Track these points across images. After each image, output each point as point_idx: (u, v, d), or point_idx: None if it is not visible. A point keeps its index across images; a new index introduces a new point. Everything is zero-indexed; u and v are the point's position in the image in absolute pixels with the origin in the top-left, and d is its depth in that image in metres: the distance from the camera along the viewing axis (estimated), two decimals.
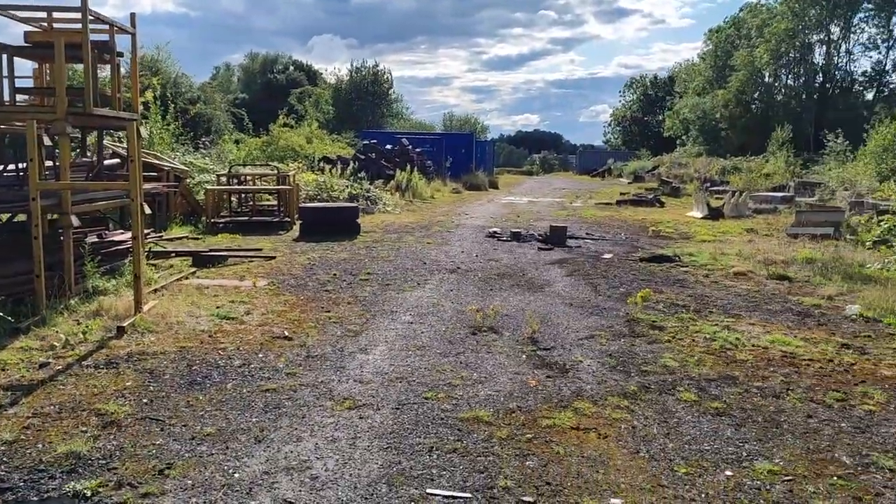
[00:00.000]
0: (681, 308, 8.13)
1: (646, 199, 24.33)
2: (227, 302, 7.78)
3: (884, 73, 48.94)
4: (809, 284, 9.79)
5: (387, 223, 16.49)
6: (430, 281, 9.43)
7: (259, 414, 4.70)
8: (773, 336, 6.96)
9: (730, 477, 3.99)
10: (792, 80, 51.44)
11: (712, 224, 17.96)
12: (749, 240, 14.57)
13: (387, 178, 24.96)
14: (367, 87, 50.16)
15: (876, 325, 7.64)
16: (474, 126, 63.01)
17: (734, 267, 10.85)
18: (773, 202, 22.24)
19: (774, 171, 34.02)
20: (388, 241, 13.30)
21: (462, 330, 6.94)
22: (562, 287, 9.24)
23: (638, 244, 13.70)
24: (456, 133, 50.66)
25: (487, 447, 4.28)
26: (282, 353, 6.06)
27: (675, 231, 16.26)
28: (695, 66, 67.18)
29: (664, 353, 6.30)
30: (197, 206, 15.63)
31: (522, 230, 14.85)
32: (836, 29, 48.71)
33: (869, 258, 11.35)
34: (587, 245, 13.39)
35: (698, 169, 41.99)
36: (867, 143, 29.40)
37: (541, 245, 13.02)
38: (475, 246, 12.88)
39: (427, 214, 19.26)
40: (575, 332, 6.99)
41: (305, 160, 24.27)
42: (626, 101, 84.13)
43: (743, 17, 57.87)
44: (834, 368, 6.05)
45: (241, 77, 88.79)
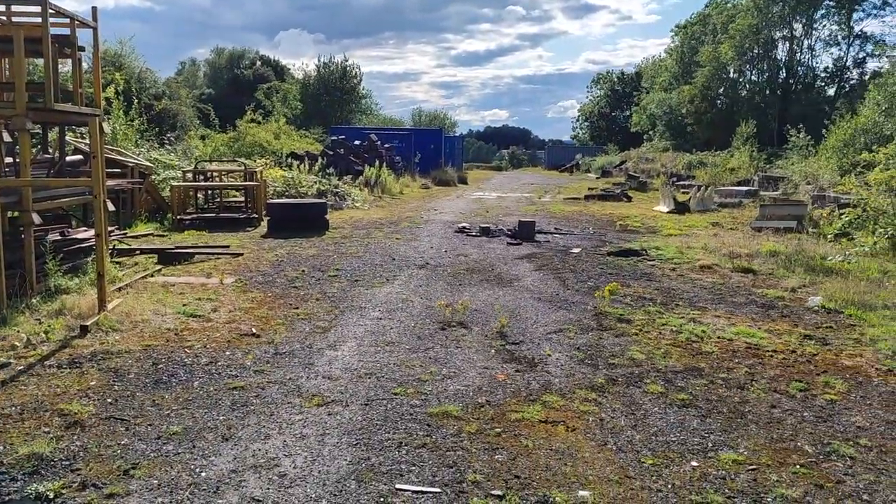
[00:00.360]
0: (648, 301, 8.22)
1: (613, 194, 24.54)
2: (194, 299, 7.68)
3: (844, 69, 49.91)
4: (773, 277, 9.95)
5: (356, 219, 16.42)
6: (399, 277, 9.41)
7: (226, 412, 4.66)
8: (738, 328, 7.07)
9: (696, 467, 4.04)
10: (756, 75, 52.21)
11: (678, 218, 18.17)
12: (714, 233, 14.77)
13: (355, 173, 24.83)
14: (335, 83, 49.79)
15: (837, 316, 7.80)
16: (443, 122, 62.98)
17: (700, 260, 11.00)
18: (738, 196, 22.58)
19: (739, 165, 34.52)
20: (357, 237, 13.24)
21: (431, 325, 6.94)
22: (531, 281, 9.29)
23: (606, 238, 13.81)
24: (425, 129, 50.63)
25: (456, 442, 4.28)
26: (249, 350, 6.00)
27: (642, 225, 16.42)
28: (661, 61, 67.92)
29: (631, 346, 6.37)
30: (163, 203, 15.41)
31: (491, 225, 14.88)
32: (799, 25, 49.57)
33: (830, 251, 11.58)
34: (556, 240, 13.47)
35: (665, 164, 42.47)
36: (828, 138, 29.97)
37: (510, 240, 13.07)
38: (444, 241, 12.89)
39: (396, 210, 19.22)
40: (543, 326, 7.03)
41: (273, 156, 24.06)
42: (594, 97, 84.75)
43: (709, 14, 58.61)
44: (797, 359, 6.16)
45: (208, 72, 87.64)
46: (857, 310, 7.93)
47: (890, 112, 24.46)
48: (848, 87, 49.24)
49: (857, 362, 6.12)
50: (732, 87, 52.96)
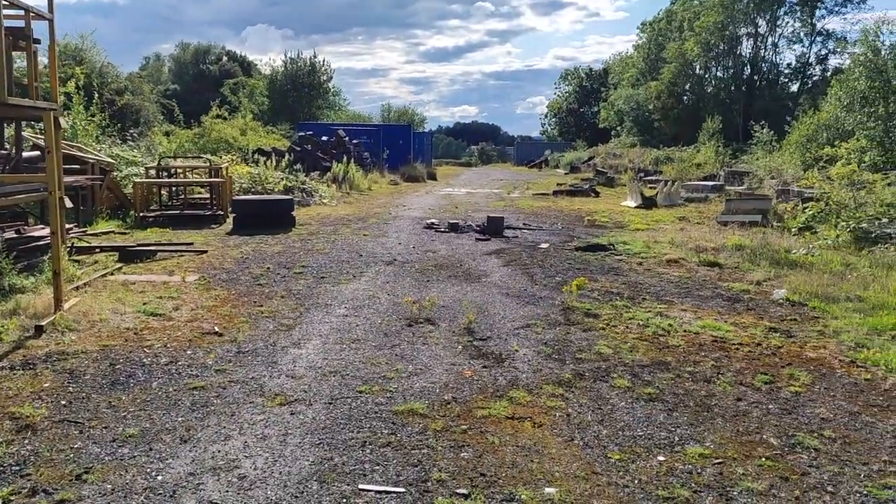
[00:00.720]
0: (615, 296, 8.22)
1: (582, 190, 24.64)
2: (155, 298, 7.51)
3: (807, 66, 50.77)
4: (739, 270, 10.03)
5: (323, 215, 16.26)
6: (366, 273, 9.31)
7: (186, 413, 4.53)
8: (705, 321, 7.10)
9: (662, 462, 4.02)
10: (721, 72, 52.86)
11: (646, 213, 18.29)
12: (681, 228, 14.88)
13: (323, 169, 24.62)
14: (303, 79, 49.34)
15: (801, 308, 7.87)
16: (412, 117, 62.68)
17: (667, 254, 11.05)
18: (704, 191, 22.80)
19: (705, 160, 34.91)
20: (324, 233, 13.10)
21: (398, 322, 6.86)
22: (499, 277, 9.24)
23: (574, 233, 13.83)
24: (394, 124, 50.36)
25: (422, 440, 4.21)
26: (211, 349, 5.87)
27: (609, 220, 16.48)
28: (629, 58, 68.50)
29: (598, 341, 6.35)
30: (125, 200, 15.11)
31: (460, 221, 14.82)
32: (763, 22, 50.29)
33: (794, 244, 11.72)
34: (524, 235, 13.46)
35: (632, 159, 42.83)
36: (791, 133, 30.43)
37: (478, 236, 13.02)
38: (412, 237, 12.80)
39: (364, 206, 19.08)
40: (511, 321, 6.98)
41: (239, 152, 23.76)
42: (562, 93, 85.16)
43: (675, 10, 59.19)
44: (762, 352, 6.19)
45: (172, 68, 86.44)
46: (821, 302, 8.01)
47: (851, 108, 24.87)
48: (811, 83, 50.13)
49: (821, 354, 6.16)
50: (698, 83, 53.57)
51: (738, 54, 51.71)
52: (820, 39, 50.08)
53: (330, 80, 50.72)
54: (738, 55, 51.93)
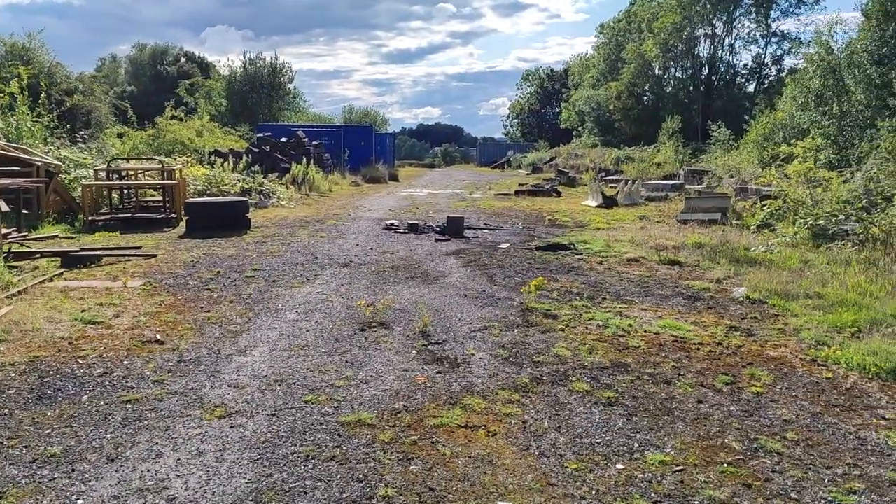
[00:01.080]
0: (575, 296, 8.06)
1: (543, 189, 24.59)
2: (95, 305, 7.14)
3: (763, 66, 51.59)
4: (699, 269, 9.96)
5: (280, 217, 15.89)
6: (320, 276, 9.02)
7: (116, 429, 4.22)
8: (665, 321, 6.96)
9: (621, 471, 3.83)
10: (680, 72, 53.47)
11: (607, 212, 18.25)
12: (641, 227, 14.84)
13: (282, 171, 24.20)
14: (263, 80, 48.60)
15: (761, 306, 7.79)
16: (374, 119, 62.32)
17: (627, 253, 10.95)
18: (664, 190, 22.90)
19: (665, 160, 35.21)
20: (280, 235, 12.75)
21: (350, 326, 6.59)
22: (457, 278, 9.03)
23: (535, 233, 13.69)
24: (355, 125, 49.95)
25: (369, 453, 3.97)
26: (151, 358, 5.55)
27: (570, 220, 16.39)
28: (589, 59, 68.97)
29: (557, 343, 6.16)
30: (73, 204, 14.58)
31: (420, 222, 14.59)
32: (720, 24, 50.96)
33: (754, 242, 11.71)
34: (485, 235, 13.27)
35: (594, 159, 43.06)
36: (749, 132, 30.80)
37: (438, 236, 12.80)
38: (370, 239, 12.53)
39: (323, 208, 18.73)
40: (468, 323, 6.76)
41: (196, 154, 23.22)
42: (524, 94, 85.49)
43: (634, 11, 59.73)
44: (723, 351, 6.07)
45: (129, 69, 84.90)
46: (781, 299, 7.95)
47: (806, 106, 25.22)
48: (767, 83, 50.94)
49: (782, 353, 6.06)
50: (657, 83, 54.12)
51: (696, 55, 52.36)
52: (775, 40, 50.95)
53: (291, 82, 50.07)
54: (696, 56, 52.58)
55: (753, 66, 51.78)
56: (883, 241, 10.70)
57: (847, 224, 12.11)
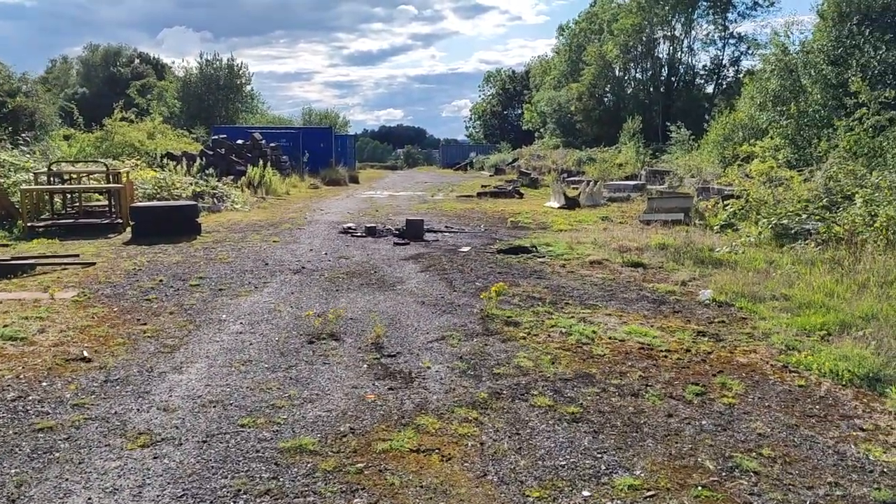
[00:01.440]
0: (537, 301, 7.72)
1: (505, 191, 24.32)
2: (19, 319, 6.59)
3: (721, 68, 52.14)
4: (663, 270, 9.72)
5: (233, 222, 15.33)
6: (270, 283, 8.55)
7: (23, 462, 3.75)
8: (630, 326, 6.66)
9: (587, 498, 3.48)
10: (640, 73, 53.82)
11: (569, 213, 18.02)
12: (604, 228, 14.61)
13: (237, 174, 23.55)
14: (220, 82, 47.62)
15: (728, 309, 7.55)
16: (335, 120, 61.57)
17: (590, 255, 10.67)
18: (626, 190, 22.80)
19: (627, 160, 35.25)
20: (231, 240, 12.22)
21: (298, 339, 6.16)
22: (415, 284, 8.63)
23: (496, 236, 13.36)
24: (314, 127, 49.21)
25: (308, 484, 3.56)
26: (73, 378, 5.05)
27: (533, 221, 16.11)
28: (549, 60, 69.15)
29: (518, 353, 5.81)
30: (12, 209, 13.84)
31: (379, 225, 14.17)
32: (679, 25, 51.39)
33: (717, 242, 11.52)
34: (445, 238, 12.90)
35: (556, 160, 43.03)
36: (708, 132, 30.96)
37: (397, 240, 12.39)
38: (326, 243, 12.07)
39: (279, 211, 18.18)
40: (425, 333, 6.38)
41: (147, 157, 22.49)
42: (486, 96, 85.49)
43: (594, 12, 60.01)
44: (691, 359, 5.77)
45: (81, 71, 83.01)
46: (748, 302, 7.72)
47: (764, 106, 25.38)
48: (725, 84, 51.49)
49: (752, 359, 5.79)
50: (618, 84, 54.39)
51: (655, 56, 52.77)
52: (732, 42, 51.52)
53: (248, 83, 49.15)
54: (656, 57, 52.98)
55: (712, 67, 52.33)
56: (846, 241, 10.59)
57: (809, 223, 12.01)
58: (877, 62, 22.33)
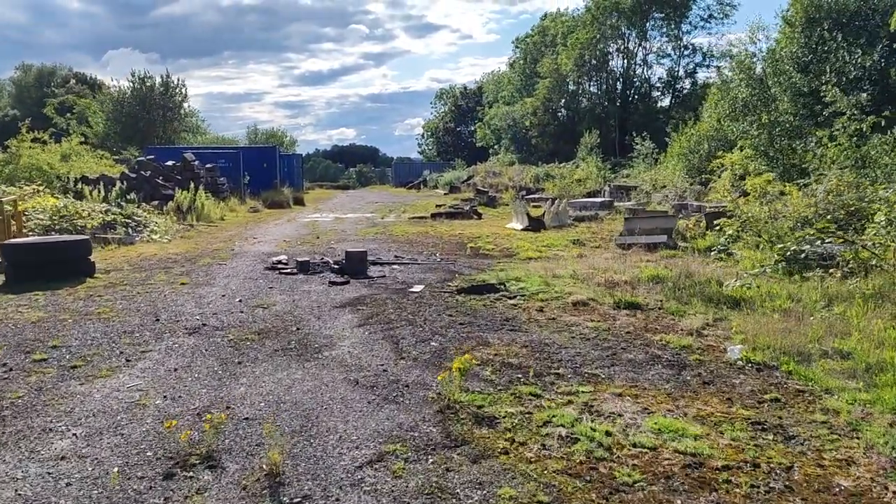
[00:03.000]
0: (516, 372, 5.60)
1: (462, 212, 22.25)
2: None
3: (677, 80, 51.17)
4: (666, 313, 7.72)
5: (144, 256, 12.93)
6: (149, 353, 6.26)
7: None
8: (656, 418, 4.58)
9: None
10: (595, 87, 52.62)
11: (534, 236, 16.03)
12: (579, 254, 12.63)
13: (164, 198, 21.07)
14: (155, 100, 44.67)
15: (773, 374, 5.56)
16: (281, 139, 58.94)
17: (572, 294, 8.62)
18: (593, 208, 20.95)
19: (587, 176, 33.54)
20: (128, 283, 9.87)
21: (152, 467, 3.92)
22: (349, 347, 6.44)
23: (455, 268, 11.25)
24: (256, 146, 46.57)
25: None
26: None
27: (495, 247, 14.05)
28: (503, 75, 67.75)
29: (500, 484, 3.67)
30: None
31: (316, 256, 11.96)
32: (632, 38, 50.36)
33: (720, 272, 9.59)
34: (394, 273, 10.73)
35: (512, 177, 41.24)
36: (672, 145, 29.45)
37: (334, 277, 10.18)
38: (246, 284, 9.79)
39: (204, 241, 15.80)
40: (354, 448, 4.19)
41: (58, 182, 19.90)
42: (438, 113, 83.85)
43: (547, 26, 58.82)
44: (768, 483, 3.71)
45: (13, 92, 79.21)
46: (794, 362, 5.74)
47: (734, 117, 23.90)
48: (681, 96, 50.50)
49: (859, 481, 3.75)
50: (573, 98, 53.12)
51: (609, 69, 51.66)
52: (687, 53, 50.63)
53: (185, 100, 46.28)
54: (610, 70, 51.88)
55: (668, 79, 51.30)
56: (878, 267, 8.75)
57: (821, 247, 10.16)
58: (853, 66, 20.95)
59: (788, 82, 22.59)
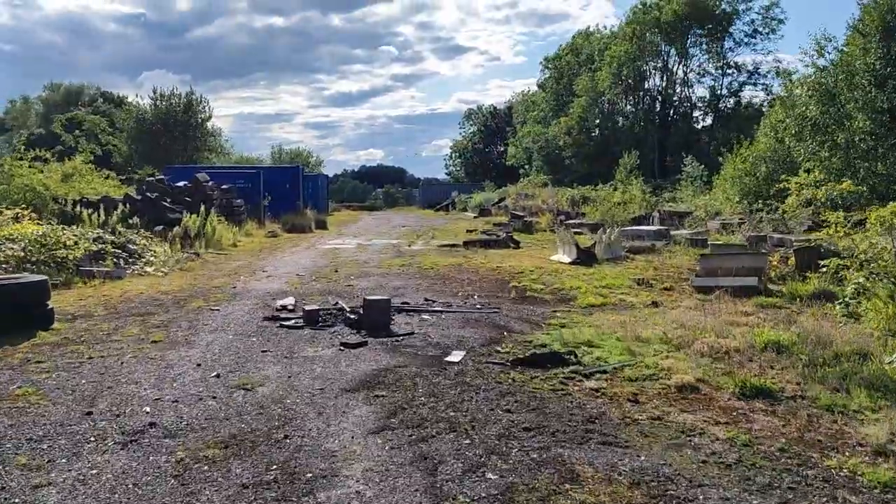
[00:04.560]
0: None
1: (498, 239, 19.92)
2: None
3: (720, 99, 48.60)
4: (818, 408, 5.34)
5: (128, 296, 10.82)
6: (41, 490, 4.02)
7: None
8: None
9: None
10: (633, 106, 50.27)
11: (587, 272, 13.67)
12: (651, 300, 10.27)
13: (170, 223, 19.06)
14: (177, 118, 43.20)
15: None
16: (306, 159, 57.29)
17: (671, 371, 6.27)
18: (647, 238, 18.54)
19: (629, 199, 30.98)
20: (87, 340, 7.70)
21: None
22: (360, 482, 4.15)
23: (501, 319, 8.95)
24: (278, 166, 44.79)
25: None
26: None
27: (544, 287, 11.73)
28: (533, 95, 65.54)
29: None
30: None
31: (331, 299, 9.77)
32: (673, 55, 47.99)
33: (864, 340, 7.17)
34: (424, 328, 8.44)
35: (546, 200, 38.76)
36: (725, 166, 26.92)
37: (348, 335, 7.92)
38: (234, 345, 7.56)
39: (206, 274, 13.68)
40: None
41: (56, 203, 18.04)
42: (467, 133, 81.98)
43: (578, 44, 56.57)
44: None
45: (41, 111, 78.90)
46: None
47: (801, 136, 21.39)
48: (725, 115, 47.86)
49: None
50: (609, 117, 50.80)
51: (648, 88, 49.35)
52: (730, 72, 48.07)
53: (209, 119, 44.76)
54: (649, 89, 49.56)
55: (710, 98, 48.73)
56: None
57: None
58: None
59: (866, 98, 20.08)
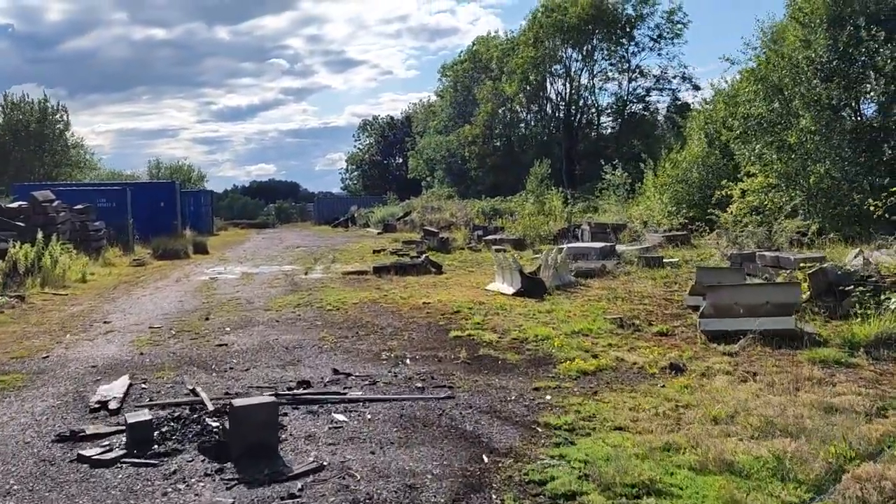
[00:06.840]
0: None
1: (415, 264, 16.50)
2: None
3: (626, 105, 47.16)
4: None
5: None
6: None
7: None
8: None
9: None
10: (538, 113, 48.18)
11: (541, 308, 10.50)
12: (668, 362, 7.15)
13: None
14: (28, 130, 37.49)
15: None
16: (188, 174, 52.05)
17: None
18: (593, 256, 15.64)
19: (550, 211, 28.30)
20: None
21: None
22: None
23: (462, 413, 5.57)
24: (150, 182, 39.72)
25: None
26: None
27: (500, 337, 8.46)
28: (432, 105, 62.73)
29: None
30: None
31: (185, 379, 6.11)
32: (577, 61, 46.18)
33: None
34: (340, 449, 4.95)
35: (455, 213, 35.71)
36: (659, 173, 24.62)
37: (200, 482, 4.33)
38: None
39: (17, 331, 9.60)
40: None
41: None
42: (363, 145, 78.38)
43: (478, 51, 54.19)
44: None
45: None
46: None
47: (746, 138, 19.15)
48: (632, 122, 46.38)
49: None
50: (514, 125, 48.54)
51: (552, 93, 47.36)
52: (635, 77, 46.73)
53: (67, 130, 39.18)
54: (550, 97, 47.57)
55: (617, 104, 47.20)
56: None
57: None
58: None
59: (812, 93, 18.00)
